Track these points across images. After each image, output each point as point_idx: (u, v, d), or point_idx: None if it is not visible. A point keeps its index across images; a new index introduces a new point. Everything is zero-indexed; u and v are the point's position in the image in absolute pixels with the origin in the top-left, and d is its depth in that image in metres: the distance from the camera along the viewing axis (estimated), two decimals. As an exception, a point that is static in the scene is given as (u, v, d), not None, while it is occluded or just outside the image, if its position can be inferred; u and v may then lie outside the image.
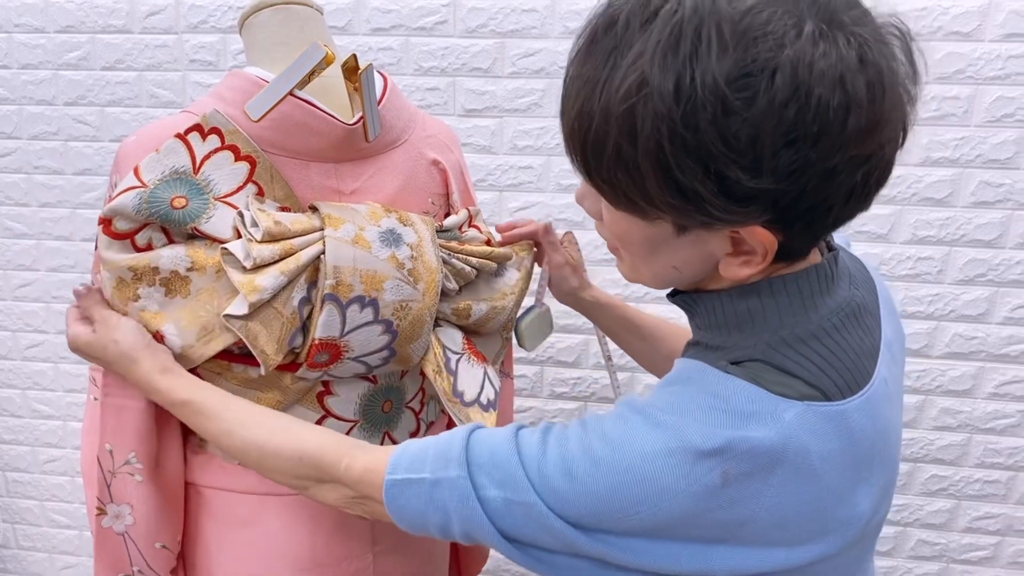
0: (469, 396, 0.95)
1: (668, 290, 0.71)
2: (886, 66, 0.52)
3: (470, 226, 1.02)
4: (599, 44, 0.54)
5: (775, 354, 0.60)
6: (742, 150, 0.50)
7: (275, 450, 0.76)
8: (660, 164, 0.52)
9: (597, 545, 0.60)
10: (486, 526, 0.63)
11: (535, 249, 1.07)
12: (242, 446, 0.78)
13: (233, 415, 0.80)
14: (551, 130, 1.54)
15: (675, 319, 1.10)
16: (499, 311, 0.99)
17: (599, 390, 1.68)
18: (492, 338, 1.05)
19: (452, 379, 0.95)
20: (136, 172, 0.82)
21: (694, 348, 0.68)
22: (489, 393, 0.96)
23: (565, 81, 0.58)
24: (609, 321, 1.08)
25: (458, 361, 0.96)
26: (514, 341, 1.11)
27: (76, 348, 0.85)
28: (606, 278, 1.59)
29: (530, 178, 1.58)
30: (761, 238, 0.56)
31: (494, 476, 0.62)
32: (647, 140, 0.52)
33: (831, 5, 0.51)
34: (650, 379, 1.64)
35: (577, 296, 1.08)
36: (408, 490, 0.66)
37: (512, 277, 1.01)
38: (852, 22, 0.52)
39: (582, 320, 1.63)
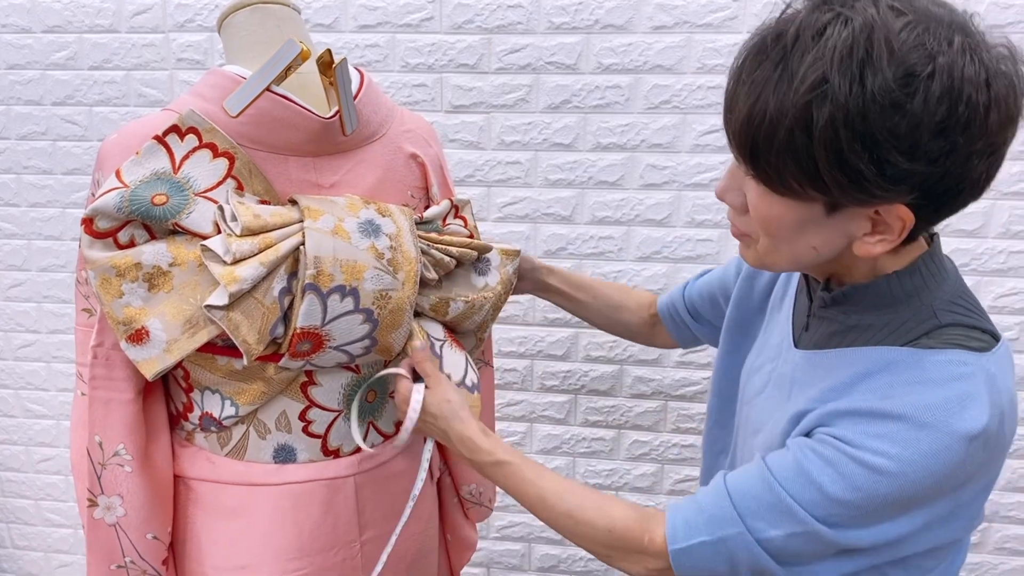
0: (456, 378, 0.97)
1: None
2: (1015, 74, 0.64)
3: (456, 217, 1.02)
4: (768, 53, 0.64)
5: (951, 314, 0.72)
6: (902, 136, 0.60)
7: (587, 520, 0.82)
8: (833, 148, 0.61)
9: (869, 531, 0.70)
10: (770, 564, 0.73)
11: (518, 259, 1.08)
12: (555, 514, 0.84)
13: (548, 483, 0.86)
14: (538, 125, 1.55)
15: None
16: (475, 310, 1.01)
17: (589, 383, 1.69)
18: (467, 337, 1.06)
19: (439, 362, 0.97)
20: (118, 175, 0.84)
21: (852, 332, 0.76)
22: (472, 377, 0.98)
23: (730, 87, 0.68)
24: (561, 284, 1.18)
25: (442, 347, 0.98)
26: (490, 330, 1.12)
27: (404, 403, 0.94)
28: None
29: (518, 173, 1.59)
30: (902, 215, 0.65)
31: (769, 519, 0.72)
32: (824, 128, 0.61)
33: (965, 25, 0.63)
34: (640, 372, 1.65)
35: (532, 274, 1.15)
36: (692, 554, 0.76)
37: (493, 278, 1.03)
38: (984, 37, 0.64)
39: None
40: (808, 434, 0.74)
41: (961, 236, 1.51)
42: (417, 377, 0.96)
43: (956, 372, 0.68)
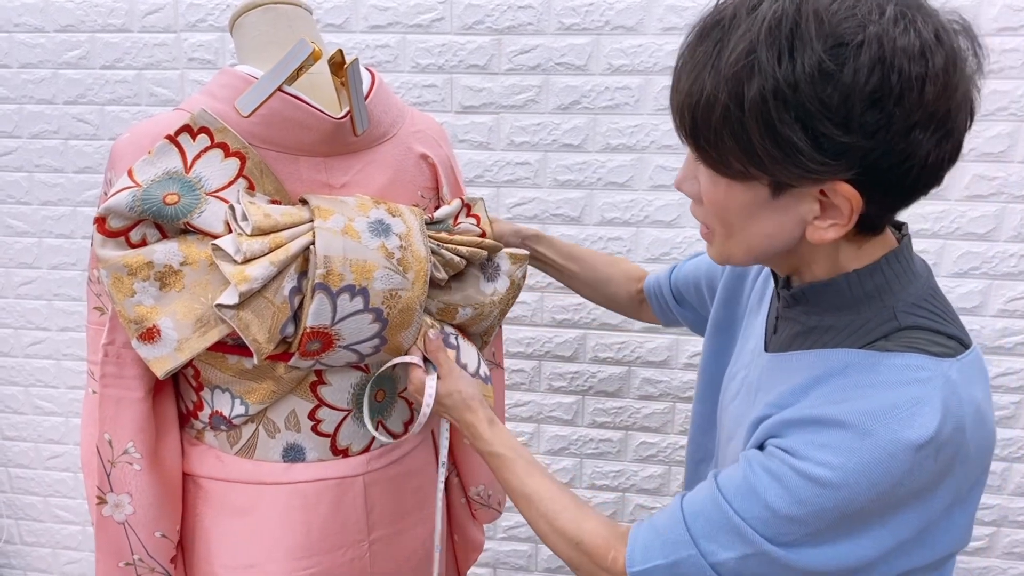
0: (472, 368, 0.98)
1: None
2: (958, 47, 0.61)
3: (468, 215, 1.02)
4: (709, 35, 0.63)
5: (912, 316, 0.69)
6: (834, 108, 0.59)
7: (561, 529, 0.82)
8: (763, 119, 0.60)
9: (823, 551, 0.67)
10: None
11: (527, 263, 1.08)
12: (535, 515, 0.85)
13: (535, 484, 0.86)
14: (548, 126, 1.55)
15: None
16: (483, 316, 1.01)
17: (597, 384, 1.69)
18: (473, 338, 1.06)
19: (456, 352, 0.98)
20: (130, 174, 0.84)
21: (813, 334, 0.74)
22: (485, 369, 1.00)
23: (675, 69, 0.67)
24: (551, 252, 1.19)
25: (456, 338, 0.99)
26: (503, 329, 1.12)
27: (418, 392, 0.95)
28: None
29: (527, 174, 1.59)
30: (847, 194, 0.63)
31: (720, 541, 0.69)
32: (753, 98, 0.60)
33: None
34: (648, 373, 1.65)
35: (522, 244, 1.16)
36: None
37: (502, 285, 1.03)
38: (926, 7, 0.61)
39: (579, 315, 1.64)
40: (762, 446, 0.71)
41: (972, 239, 1.50)
42: (427, 365, 0.97)
43: (911, 377, 0.65)
